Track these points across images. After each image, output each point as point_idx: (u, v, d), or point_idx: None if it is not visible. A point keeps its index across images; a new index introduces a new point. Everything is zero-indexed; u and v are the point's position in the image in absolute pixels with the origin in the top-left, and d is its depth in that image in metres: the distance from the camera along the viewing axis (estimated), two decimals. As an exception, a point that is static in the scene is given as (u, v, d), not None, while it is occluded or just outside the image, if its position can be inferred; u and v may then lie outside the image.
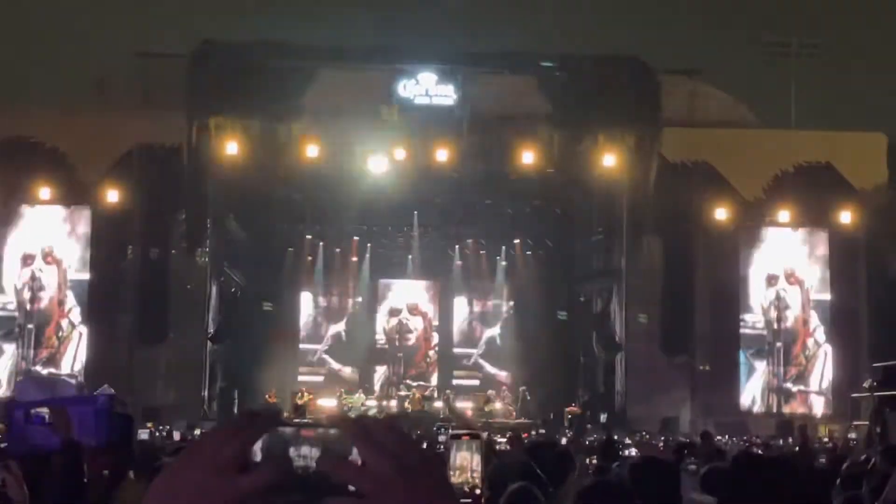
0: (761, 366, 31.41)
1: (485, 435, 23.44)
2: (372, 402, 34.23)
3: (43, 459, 4.36)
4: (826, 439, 25.40)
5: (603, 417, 31.17)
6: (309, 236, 37.08)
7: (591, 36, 35.05)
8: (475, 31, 38.82)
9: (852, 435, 25.73)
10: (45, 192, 29.76)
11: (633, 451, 10.91)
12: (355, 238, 37.24)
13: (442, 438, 12.40)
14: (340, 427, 1.38)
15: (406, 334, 38.55)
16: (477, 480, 3.25)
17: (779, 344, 31.48)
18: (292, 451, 1.38)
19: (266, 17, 36.52)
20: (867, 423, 25.03)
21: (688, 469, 8.05)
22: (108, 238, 30.27)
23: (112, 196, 29.63)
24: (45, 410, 4.24)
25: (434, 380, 37.67)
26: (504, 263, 37.99)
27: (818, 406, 31.41)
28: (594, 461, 8.37)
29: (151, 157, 29.73)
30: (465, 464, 3.25)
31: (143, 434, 14.19)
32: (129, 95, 30.40)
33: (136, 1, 35.71)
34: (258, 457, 1.38)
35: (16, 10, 36.92)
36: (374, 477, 1.38)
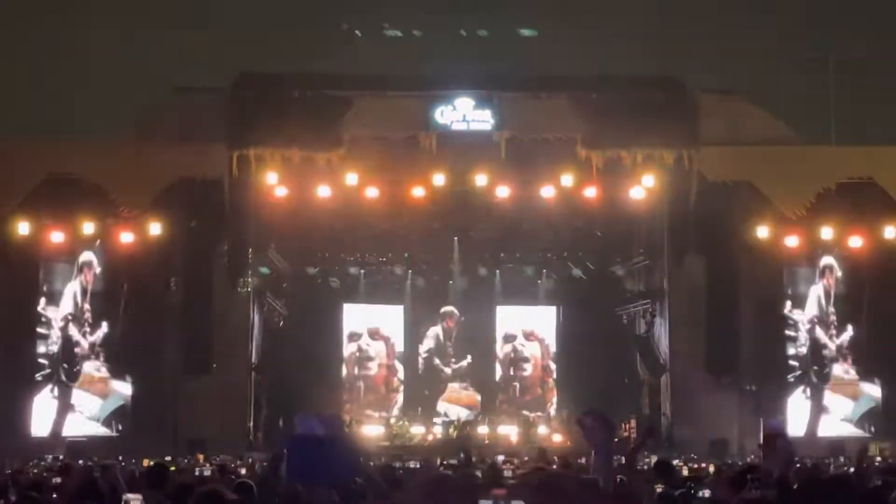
0: (805, 382, 31.03)
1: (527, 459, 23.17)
2: (417, 429, 34.12)
3: None
4: (878, 458, 25.02)
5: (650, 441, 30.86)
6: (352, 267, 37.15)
7: (627, 57, 34.95)
8: (510, 56, 38.86)
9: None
10: (88, 227, 29.88)
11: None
12: (397, 265, 37.23)
13: (508, 474, 12.22)
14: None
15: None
16: None
17: (824, 359, 31.10)
18: None
19: (301, 48, 36.73)
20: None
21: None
22: (151, 271, 30.36)
23: (154, 229, 29.75)
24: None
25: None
26: (545, 287, 37.86)
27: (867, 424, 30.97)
28: (658, 489, 8.26)
29: (193, 190, 29.88)
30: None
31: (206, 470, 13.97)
32: (169, 129, 30.58)
33: (174, 36, 35.99)
34: None
35: (54, 47, 37.34)
36: None
